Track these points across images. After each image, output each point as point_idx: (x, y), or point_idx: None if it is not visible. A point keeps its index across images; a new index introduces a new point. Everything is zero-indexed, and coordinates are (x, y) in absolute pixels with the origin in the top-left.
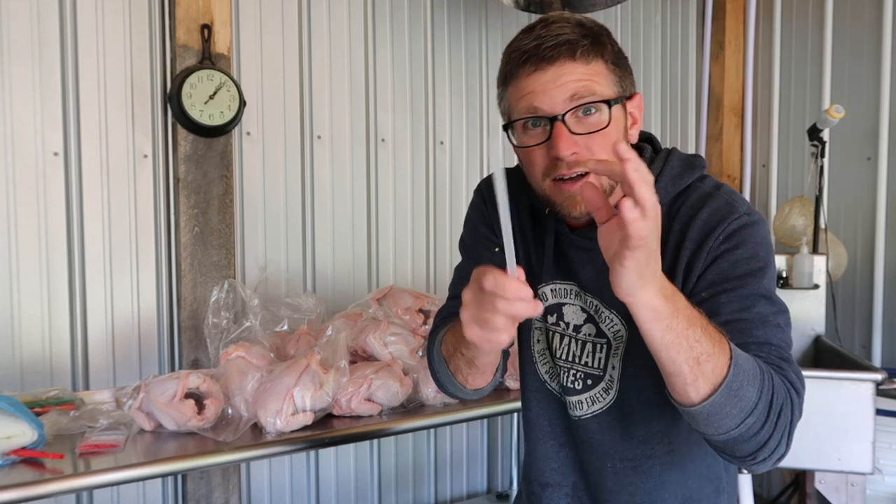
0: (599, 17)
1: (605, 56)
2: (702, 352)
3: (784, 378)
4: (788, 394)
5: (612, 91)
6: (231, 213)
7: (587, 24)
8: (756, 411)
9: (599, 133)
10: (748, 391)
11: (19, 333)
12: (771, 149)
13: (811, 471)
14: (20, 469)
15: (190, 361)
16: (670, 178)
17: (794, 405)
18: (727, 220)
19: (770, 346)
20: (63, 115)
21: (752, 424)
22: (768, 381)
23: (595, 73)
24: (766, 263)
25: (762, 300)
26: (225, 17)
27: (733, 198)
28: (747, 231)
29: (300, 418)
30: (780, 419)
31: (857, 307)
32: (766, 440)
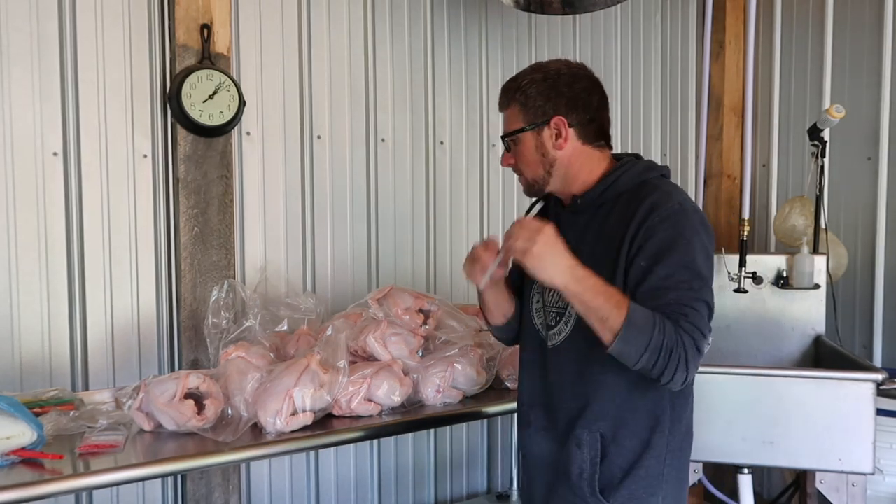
0: (599, 17)
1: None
2: (604, 314)
3: (680, 328)
4: (680, 338)
5: (520, 124)
6: (231, 213)
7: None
8: (648, 351)
9: (516, 151)
10: (640, 338)
11: (19, 333)
12: (771, 149)
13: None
14: (20, 469)
15: (190, 361)
16: (631, 174)
17: (686, 346)
18: (663, 206)
19: (676, 305)
20: (62, 115)
21: (647, 359)
22: (659, 330)
23: (509, 115)
24: (690, 241)
25: (681, 269)
26: (224, 16)
27: (674, 191)
28: (677, 216)
29: (300, 418)
30: (672, 356)
31: (858, 307)
32: (663, 370)
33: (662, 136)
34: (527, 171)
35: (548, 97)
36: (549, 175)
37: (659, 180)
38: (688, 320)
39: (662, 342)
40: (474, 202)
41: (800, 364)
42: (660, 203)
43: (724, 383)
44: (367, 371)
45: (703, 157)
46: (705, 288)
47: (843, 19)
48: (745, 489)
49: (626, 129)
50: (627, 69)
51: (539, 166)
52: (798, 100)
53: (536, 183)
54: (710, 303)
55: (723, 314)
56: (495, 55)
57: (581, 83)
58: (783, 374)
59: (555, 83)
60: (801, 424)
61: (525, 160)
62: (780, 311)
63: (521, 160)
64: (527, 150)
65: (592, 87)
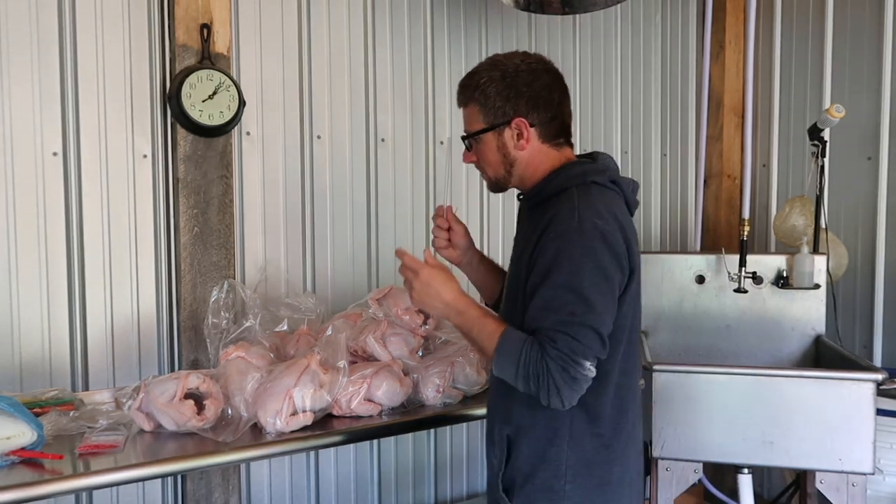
0: (599, 17)
1: (472, 99)
2: (480, 344)
3: (547, 355)
4: (546, 365)
5: (480, 125)
6: (231, 214)
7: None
8: (519, 375)
9: (478, 150)
10: (509, 366)
11: (19, 334)
12: (771, 148)
13: (812, 471)
14: (19, 469)
15: (190, 362)
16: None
17: (552, 372)
18: (561, 221)
19: (550, 330)
20: (62, 115)
21: (521, 384)
22: (525, 358)
23: (469, 114)
24: (579, 263)
25: (565, 292)
26: (224, 16)
27: (582, 206)
28: (570, 234)
29: (300, 419)
30: (540, 382)
31: (858, 307)
32: (537, 393)
33: (662, 136)
34: (488, 170)
35: (507, 97)
36: (509, 175)
37: (582, 189)
38: (555, 346)
39: (529, 370)
40: (474, 202)
41: (800, 364)
42: (559, 217)
43: (724, 383)
44: (367, 371)
45: (703, 157)
46: (589, 313)
47: (844, 19)
48: (745, 489)
49: (626, 128)
50: (627, 69)
51: (500, 166)
52: (798, 100)
53: (498, 181)
54: (597, 327)
55: (723, 314)
56: None
57: (541, 80)
58: (783, 374)
59: (514, 82)
60: (801, 424)
61: (486, 160)
62: (781, 311)
63: (483, 159)
64: (488, 150)
65: (553, 83)
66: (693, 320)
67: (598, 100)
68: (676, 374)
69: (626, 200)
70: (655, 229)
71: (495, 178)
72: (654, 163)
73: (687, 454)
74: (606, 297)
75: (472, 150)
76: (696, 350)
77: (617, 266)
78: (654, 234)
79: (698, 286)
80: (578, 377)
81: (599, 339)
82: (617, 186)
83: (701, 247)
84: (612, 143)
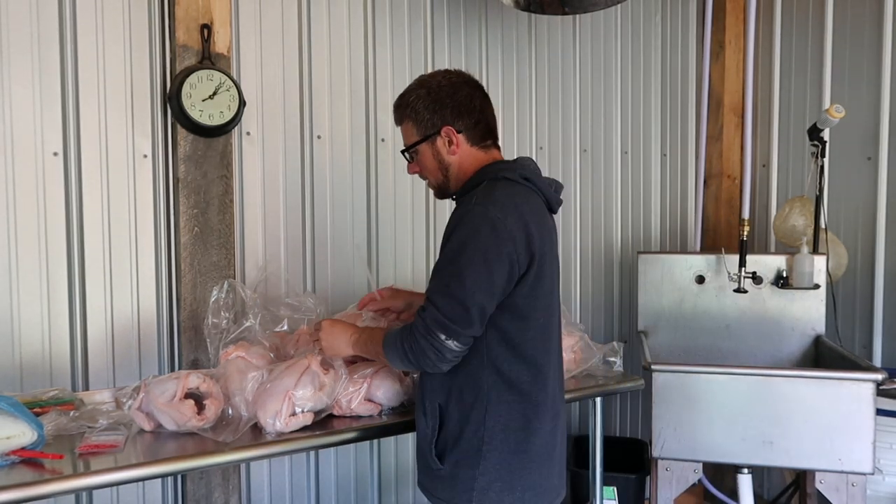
0: (599, 17)
1: (406, 116)
2: (375, 354)
3: (415, 326)
4: (414, 335)
5: (414, 138)
6: (231, 213)
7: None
8: (404, 357)
9: (418, 161)
10: (395, 357)
11: (19, 333)
12: (771, 149)
13: (812, 471)
14: (20, 469)
15: (190, 361)
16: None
17: (418, 338)
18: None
19: (426, 300)
20: (62, 115)
21: (408, 365)
22: (401, 341)
23: (405, 130)
24: (464, 242)
25: (445, 265)
26: (225, 16)
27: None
28: (464, 217)
29: (299, 419)
30: (415, 352)
31: (858, 307)
32: (422, 366)
33: (662, 136)
34: (430, 177)
35: (434, 110)
36: (447, 179)
37: (490, 183)
38: (421, 317)
39: (406, 348)
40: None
41: (800, 364)
42: (462, 204)
43: (723, 383)
44: (367, 371)
45: (703, 157)
46: (459, 287)
47: (843, 19)
48: (745, 489)
49: (627, 129)
50: (627, 69)
51: (438, 172)
52: (798, 100)
53: (440, 187)
54: (464, 300)
55: (723, 314)
56: (495, 55)
57: (462, 91)
58: (783, 374)
59: (438, 96)
60: (801, 424)
61: (426, 168)
62: (780, 311)
63: (424, 168)
64: (426, 160)
65: (473, 92)
66: (693, 320)
67: (598, 100)
68: (676, 374)
69: (547, 198)
70: (655, 229)
71: (437, 184)
72: (654, 163)
73: (687, 454)
74: (480, 277)
75: (413, 162)
76: (696, 350)
77: (500, 251)
78: (654, 234)
79: (698, 286)
80: (437, 346)
81: (465, 313)
82: (530, 182)
83: (701, 247)
84: (612, 143)
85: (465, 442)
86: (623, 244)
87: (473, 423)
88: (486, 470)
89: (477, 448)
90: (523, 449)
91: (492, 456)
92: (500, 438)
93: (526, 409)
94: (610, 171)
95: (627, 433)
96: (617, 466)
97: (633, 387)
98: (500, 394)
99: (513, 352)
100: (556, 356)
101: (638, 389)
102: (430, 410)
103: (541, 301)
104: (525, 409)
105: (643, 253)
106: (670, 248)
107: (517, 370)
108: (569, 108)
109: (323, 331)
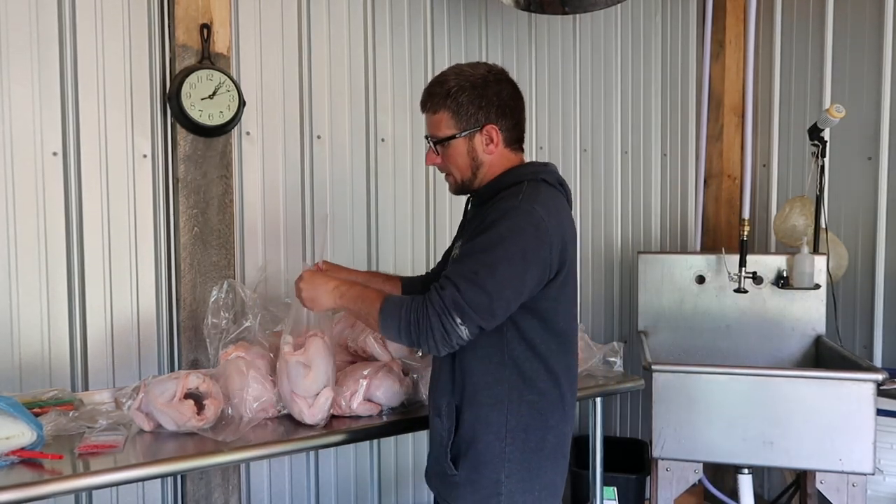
0: (599, 17)
1: (444, 106)
2: (365, 312)
3: (428, 300)
4: (426, 309)
5: (452, 130)
6: (230, 213)
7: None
8: (402, 327)
9: (445, 154)
10: (391, 321)
11: (18, 334)
12: (771, 148)
13: (812, 471)
14: (19, 470)
15: (189, 362)
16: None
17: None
18: (506, 201)
19: (444, 277)
20: (62, 114)
21: (403, 336)
22: (406, 309)
23: (438, 120)
24: (503, 235)
25: (477, 252)
26: (224, 16)
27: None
28: (507, 212)
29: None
30: (421, 326)
31: (858, 307)
32: (418, 340)
33: (662, 136)
34: (455, 172)
35: (479, 105)
36: (474, 176)
37: (532, 184)
38: (439, 293)
39: (410, 317)
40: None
41: (800, 364)
42: (505, 199)
43: (724, 383)
44: (367, 371)
45: (703, 157)
46: (490, 277)
47: (844, 19)
48: (746, 489)
49: (627, 129)
50: (627, 69)
51: (468, 169)
52: (798, 100)
53: (464, 183)
54: (490, 291)
55: (723, 314)
56: (495, 55)
57: (506, 89)
58: (783, 374)
59: (484, 91)
60: (801, 425)
61: (454, 163)
62: (781, 311)
63: (451, 162)
64: (457, 154)
65: (514, 93)
66: (693, 320)
67: (598, 100)
68: (676, 374)
69: (569, 204)
70: (655, 229)
71: (461, 180)
72: (654, 163)
73: (687, 454)
74: (514, 274)
75: (437, 153)
76: (696, 350)
77: (539, 253)
78: (654, 234)
79: (698, 286)
80: (448, 328)
81: (488, 303)
82: (562, 188)
83: (701, 247)
84: (612, 143)
85: (483, 445)
86: (623, 244)
87: (494, 424)
88: (511, 472)
89: (500, 450)
90: (541, 447)
91: (514, 457)
92: (521, 438)
93: (544, 409)
94: (610, 171)
95: (627, 433)
96: (617, 467)
97: (633, 387)
98: (521, 394)
99: (534, 352)
100: (573, 357)
101: (638, 389)
102: (446, 412)
103: (563, 305)
104: (543, 409)
105: (643, 253)
106: (670, 248)
107: (537, 370)
108: (569, 108)
109: (304, 281)
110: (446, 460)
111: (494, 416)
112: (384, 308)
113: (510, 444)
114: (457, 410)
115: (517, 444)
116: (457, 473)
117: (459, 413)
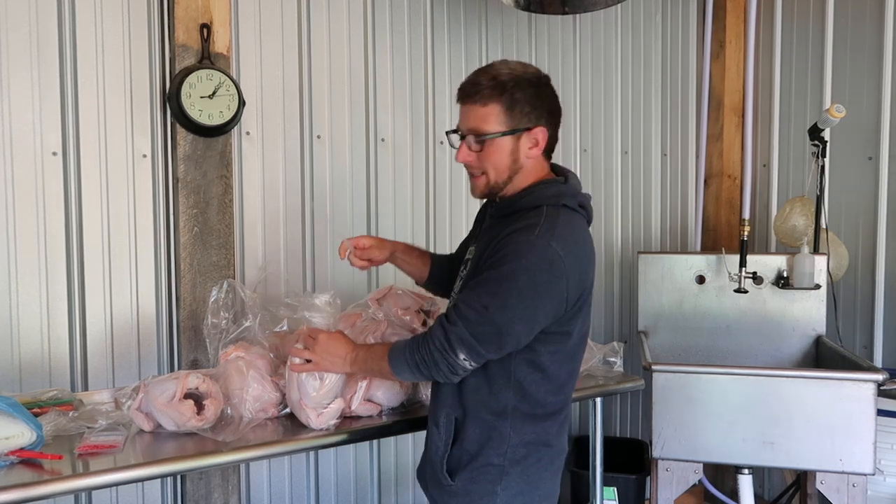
0: (599, 17)
1: (498, 100)
2: (378, 370)
3: (431, 335)
4: (427, 344)
5: (501, 127)
6: (230, 213)
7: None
8: (414, 372)
9: (486, 151)
10: (403, 367)
11: (18, 334)
12: (772, 148)
13: (812, 471)
14: (19, 470)
15: (189, 362)
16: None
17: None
18: (518, 235)
19: (451, 309)
20: (62, 114)
21: (416, 373)
22: (410, 350)
23: (486, 113)
24: (515, 272)
25: (490, 287)
26: (224, 16)
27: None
28: (520, 248)
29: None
30: (428, 362)
31: (859, 307)
32: (431, 375)
33: (662, 136)
34: (491, 173)
35: (535, 105)
36: (509, 180)
37: (552, 210)
38: (445, 328)
39: (416, 358)
40: (474, 202)
41: (800, 364)
42: (522, 230)
43: (724, 383)
44: None
45: (703, 157)
46: (499, 312)
47: (844, 19)
48: (746, 489)
49: (627, 129)
50: (627, 69)
51: (507, 171)
52: (798, 100)
53: (496, 186)
54: (500, 325)
55: (723, 314)
56: (495, 55)
57: (554, 93)
58: (784, 374)
59: (539, 91)
60: (801, 425)
61: (493, 162)
62: (781, 311)
63: (489, 161)
64: (500, 153)
65: (556, 98)
66: (693, 320)
67: (598, 100)
68: (676, 375)
69: (588, 219)
70: (655, 229)
71: (495, 182)
72: (654, 163)
73: (687, 454)
74: (526, 309)
75: (473, 150)
76: (696, 350)
77: (552, 288)
78: (654, 234)
79: (698, 286)
80: (451, 363)
81: (497, 337)
82: (583, 210)
83: (701, 247)
84: (612, 143)
85: (484, 460)
86: (623, 244)
87: (496, 440)
88: (508, 485)
89: (500, 466)
90: (540, 458)
91: (513, 471)
92: (522, 454)
93: (548, 425)
94: (610, 171)
95: (628, 433)
96: (617, 467)
97: (633, 387)
98: (524, 412)
99: (541, 373)
100: (578, 364)
101: (638, 390)
102: (444, 423)
103: (576, 326)
104: (548, 426)
105: (643, 253)
106: (670, 248)
107: (543, 389)
108: (569, 108)
109: (319, 344)
110: (442, 471)
111: (496, 434)
112: (391, 359)
113: (510, 459)
114: (456, 423)
115: (517, 459)
116: (453, 484)
117: (459, 426)
